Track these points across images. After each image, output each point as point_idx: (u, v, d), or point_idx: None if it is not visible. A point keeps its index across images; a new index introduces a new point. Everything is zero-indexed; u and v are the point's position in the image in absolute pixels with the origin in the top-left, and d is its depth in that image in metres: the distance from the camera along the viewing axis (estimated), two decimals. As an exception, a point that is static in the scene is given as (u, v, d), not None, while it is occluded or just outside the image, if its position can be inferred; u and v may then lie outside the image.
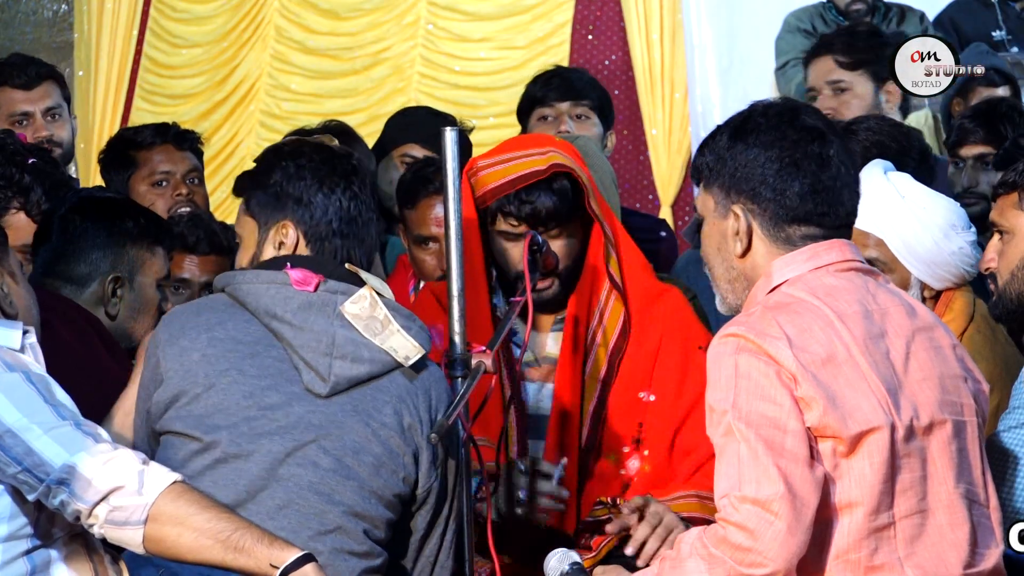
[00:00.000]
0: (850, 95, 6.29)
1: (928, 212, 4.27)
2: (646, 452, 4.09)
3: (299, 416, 3.54)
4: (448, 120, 6.00)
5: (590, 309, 4.12)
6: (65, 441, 3.17)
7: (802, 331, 3.19)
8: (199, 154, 5.60)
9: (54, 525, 3.28)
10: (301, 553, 3.11)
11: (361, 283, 3.62)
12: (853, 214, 3.35)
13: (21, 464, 3.17)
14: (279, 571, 3.08)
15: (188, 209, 5.30)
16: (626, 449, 4.10)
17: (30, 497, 3.19)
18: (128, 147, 5.54)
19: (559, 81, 5.99)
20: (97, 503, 3.13)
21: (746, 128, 3.33)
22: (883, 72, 5.88)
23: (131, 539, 3.13)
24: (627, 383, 4.10)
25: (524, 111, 6.01)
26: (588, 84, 6.02)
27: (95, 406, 3.43)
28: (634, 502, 3.91)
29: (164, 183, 5.47)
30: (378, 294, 3.61)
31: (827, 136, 3.32)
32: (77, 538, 3.30)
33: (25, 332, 3.35)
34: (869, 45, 6.03)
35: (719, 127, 3.40)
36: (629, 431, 4.10)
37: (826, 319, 3.22)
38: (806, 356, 3.16)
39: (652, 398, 4.11)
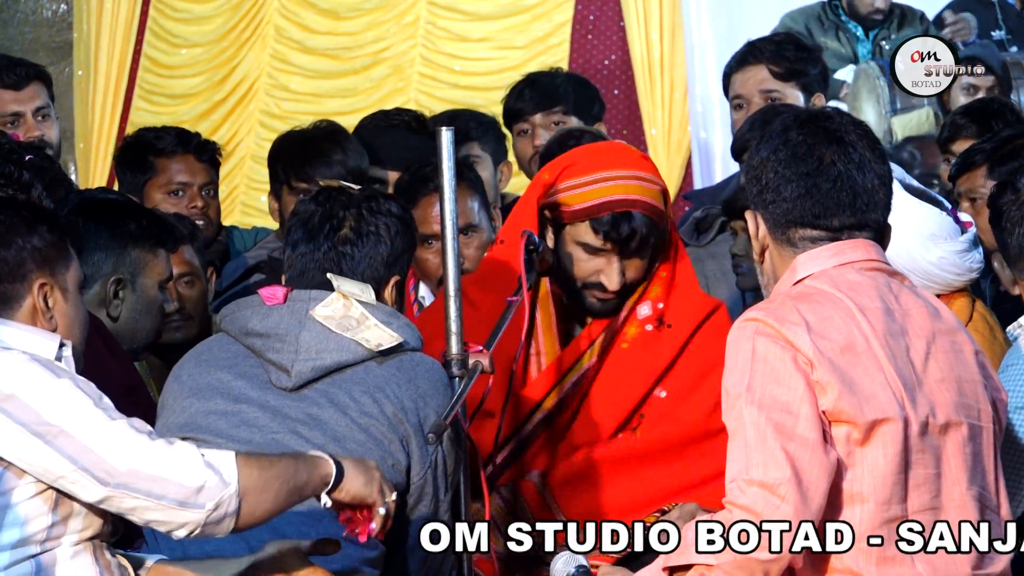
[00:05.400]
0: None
1: (906, 221, 4.26)
2: (634, 428, 4.12)
3: (275, 409, 3.65)
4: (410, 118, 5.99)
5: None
6: (124, 442, 3.17)
7: (822, 319, 3.21)
8: (217, 165, 5.59)
9: (67, 530, 3.27)
10: (333, 462, 3.29)
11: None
12: (860, 217, 3.31)
13: (76, 463, 3.16)
14: (330, 486, 3.29)
15: (201, 223, 5.31)
16: (620, 435, 4.12)
17: (85, 498, 3.19)
18: (147, 151, 5.51)
19: (531, 91, 5.97)
20: (183, 503, 3.15)
21: (765, 132, 3.36)
22: (812, 85, 5.77)
23: (226, 529, 3.20)
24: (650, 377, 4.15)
25: (507, 124, 5.98)
26: (559, 87, 5.98)
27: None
28: None
29: (180, 193, 5.47)
30: (356, 299, 3.72)
31: (839, 141, 3.30)
32: (84, 542, 3.29)
33: (62, 345, 3.33)
34: (798, 56, 5.90)
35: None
36: (626, 419, 4.12)
37: (847, 310, 3.23)
38: (824, 343, 3.18)
39: (663, 395, 4.14)
